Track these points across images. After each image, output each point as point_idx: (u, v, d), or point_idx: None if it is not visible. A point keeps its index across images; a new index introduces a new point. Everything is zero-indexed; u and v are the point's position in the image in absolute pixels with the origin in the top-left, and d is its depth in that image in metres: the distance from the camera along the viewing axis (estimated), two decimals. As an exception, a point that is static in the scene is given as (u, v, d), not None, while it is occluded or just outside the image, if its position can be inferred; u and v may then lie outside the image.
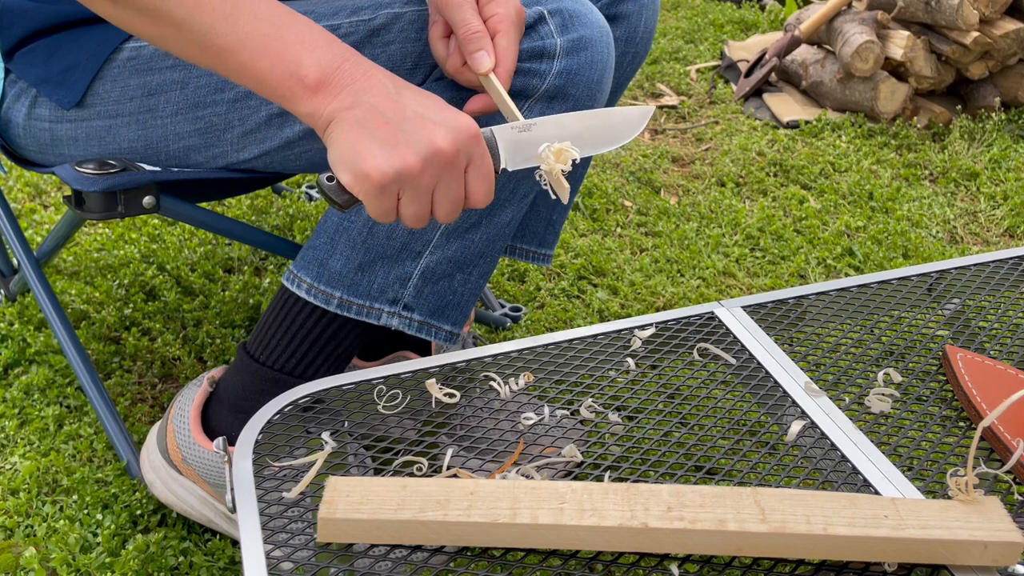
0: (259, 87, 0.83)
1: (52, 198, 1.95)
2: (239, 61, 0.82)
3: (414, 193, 0.81)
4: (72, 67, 1.09)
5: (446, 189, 0.83)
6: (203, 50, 0.82)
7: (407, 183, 0.80)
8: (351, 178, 0.80)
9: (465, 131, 0.82)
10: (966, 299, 1.11)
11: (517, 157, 0.87)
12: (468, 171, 0.83)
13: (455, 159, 0.81)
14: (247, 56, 0.81)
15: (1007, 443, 0.86)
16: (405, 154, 0.79)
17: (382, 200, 0.81)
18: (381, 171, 0.79)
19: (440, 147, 0.80)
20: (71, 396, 1.38)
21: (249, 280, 1.67)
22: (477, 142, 0.83)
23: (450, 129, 0.81)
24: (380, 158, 0.79)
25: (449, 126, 0.81)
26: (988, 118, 2.60)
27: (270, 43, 0.81)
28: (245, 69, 0.82)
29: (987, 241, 2.08)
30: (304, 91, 0.81)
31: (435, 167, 0.81)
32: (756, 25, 3.42)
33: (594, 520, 0.71)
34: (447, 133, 0.80)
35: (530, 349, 1.00)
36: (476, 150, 0.83)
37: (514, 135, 0.87)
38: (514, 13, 0.94)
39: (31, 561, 1.10)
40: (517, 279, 1.79)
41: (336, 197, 0.83)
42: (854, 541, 0.70)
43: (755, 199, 2.19)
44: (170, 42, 0.84)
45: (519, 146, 0.87)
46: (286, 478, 0.81)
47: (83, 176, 1.08)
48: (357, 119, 0.80)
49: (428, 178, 0.81)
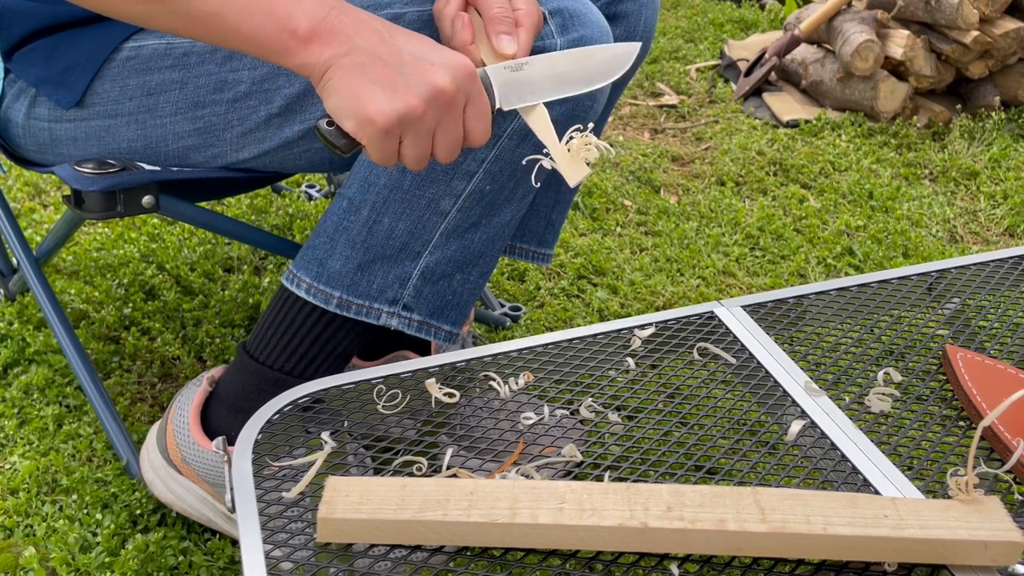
0: (252, 47, 0.83)
1: (51, 197, 1.95)
2: (228, 24, 0.82)
3: (416, 135, 0.82)
4: (71, 67, 1.09)
5: (447, 129, 0.83)
6: (190, 19, 0.82)
7: (410, 125, 0.81)
8: (354, 124, 0.81)
9: (463, 70, 0.82)
10: (966, 298, 1.11)
11: (511, 96, 0.88)
12: (466, 110, 0.84)
13: (455, 98, 0.82)
14: (234, 17, 0.81)
15: (1007, 443, 0.86)
16: (407, 96, 0.80)
17: (385, 144, 0.81)
18: (385, 115, 0.79)
19: (441, 87, 0.80)
20: (70, 396, 1.38)
21: (249, 280, 1.67)
22: (474, 81, 0.83)
23: (449, 68, 0.81)
24: (383, 102, 0.79)
25: (447, 65, 0.81)
26: (988, 117, 2.60)
27: (256, 1, 0.81)
28: (235, 31, 0.82)
29: (987, 240, 2.08)
30: (297, 43, 0.81)
31: (437, 107, 0.81)
32: (756, 24, 3.41)
33: (594, 520, 0.71)
34: (446, 72, 0.81)
35: (530, 349, 1.00)
36: (474, 88, 0.83)
37: (507, 74, 0.88)
38: (536, 14, 0.95)
39: (31, 561, 1.10)
40: (517, 278, 1.79)
41: (336, 141, 0.83)
42: (854, 541, 0.70)
43: (755, 198, 2.18)
44: (157, 18, 0.84)
45: (512, 86, 0.88)
46: (286, 478, 0.80)
47: (82, 176, 1.08)
48: (355, 64, 0.80)
49: (431, 119, 0.81)
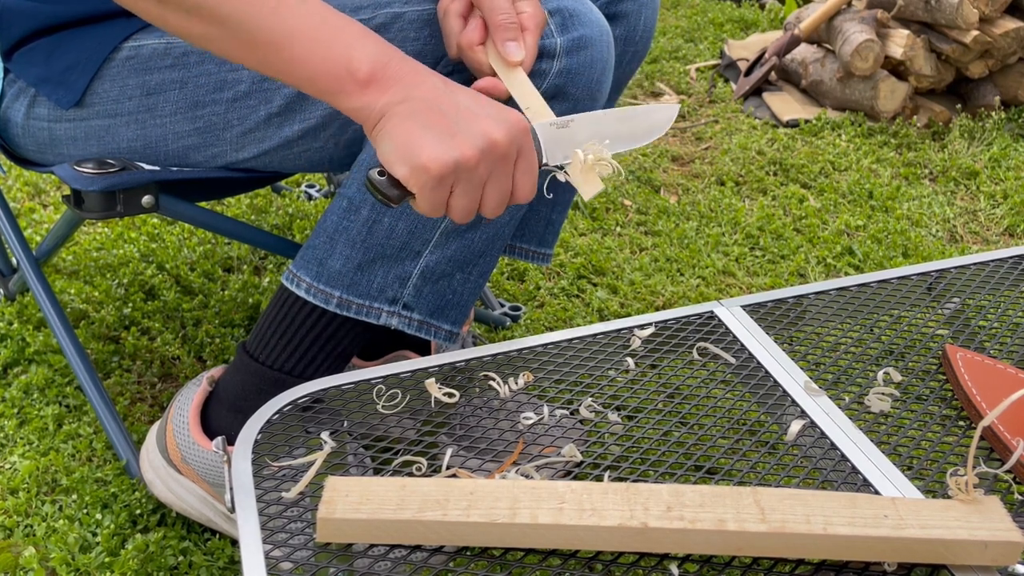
0: (308, 83, 0.83)
1: (51, 197, 1.95)
2: (288, 56, 0.82)
3: (468, 186, 0.82)
4: (71, 67, 1.09)
5: (497, 182, 0.83)
6: (251, 47, 0.82)
7: (463, 175, 0.81)
8: (407, 171, 0.80)
9: (517, 125, 0.82)
10: (966, 298, 1.11)
11: (556, 153, 0.89)
12: (517, 164, 0.84)
13: (508, 151, 0.82)
14: (297, 51, 0.81)
15: (1007, 442, 0.86)
16: (463, 146, 0.80)
17: (437, 193, 0.81)
18: (440, 162, 0.79)
19: (496, 139, 0.81)
20: (70, 395, 1.38)
21: (248, 279, 1.67)
22: (526, 135, 0.84)
23: (503, 122, 0.82)
24: (438, 150, 0.79)
25: (501, 119, 0.82)
26: (988, 117, 2.60)
27: (320, 37, 0.81)
28: (294, 64, 0.82)
29: (987, 240, 2.08)
30: (355, 85, 0.81)
31: (490, 159, 0.81)
32: (756, 24, 3.41)
33: (593, 520, 0.71)
34: (500, 126, 0.81)
35: (530, 348, 0.99)
36: (525, 144, 0.84)
37: (552, 131, 0.88)
38: (540, 16, 0.95)
39: (30, 561, 1.10)
40: (517, 278, 1.79)
41: (387, 191, 0.82)
42: (854, 541, 0.70)
43: (755, 198, 2.18)
44: (216, 41, 0.84)
45: (557, 142, 0.89)
46: (285, 478, 0.80)
47: (82, 175, 1.08)
48: (411, 112, 0.81)
49: (483, 170, 0.81)
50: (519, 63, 0.92)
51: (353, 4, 1.03)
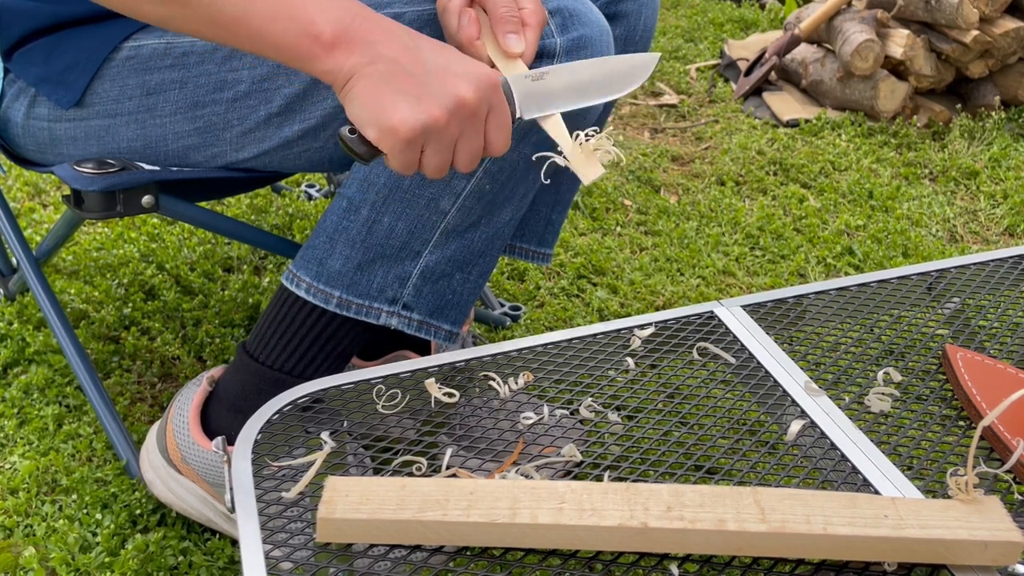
0: (274, 52, 0.83)
1: (51, 197, 1.95)
2: (251, 28, 0.82)
3: (439, 145, 0.82)
4: (71, 66, 1.09)
5: (468, 139, 0.83)
6: (212, 23, 0.82)
7: (432, 135, 0.81)
8: (377, 132, 0.81)
9: (486, 80, 0.82)
10: (966, 298, 1.11)
11: (531, 106, 0.88)
12: (488, 120, 0.84)
13: (478, 109, 0.82)
14: (258, 22, 0.81)
15: (1007, 442, 0.86)
16: (431, 107, 0.80)
17: (407, 153, 0.82)
18: (408, 125, 0.79)
19: (464, 98, 0.81)
20: (70, 395, 1.38)
21: (248, 279, 1.67)
22: (496, 91, 0.84)
23: (472, 79, 0.82)
24: (406, 112, 0.79)
25: (471, 76, 0.82)
26: (988, 117, 2.60)
27: (279, 6, 0.81)
28: (258, 35, 0.82)
29: (987, 240, 2.07)
30: (321, 49, 0.81)
31: (459, 118, 0.81)
32: (756, 24, 3.41)
33: (593, 520, 0.71)
34: (469, 83, 0.81)
35: (529, 348, 0.99)
36: (496, 99, 0.84)
37: (528, 84, 0.88)
38: (542, 13, 0.95)
39: (30, 561, 1.10)
40: (517, 278, 1.79)
41: (358, 149, 0.83)
42: (854, 541, 0.70)
43: (755, 198, 2.18)
44: (179, 20, 0.84)
45: (532, 95, 0.88)
46: (285, 478, 0.80)
47: (82, 175, 1.08)
48: (379, 73, 0.81)
49: (453, 129, 0.82)
50: (519, 55, 0.92)
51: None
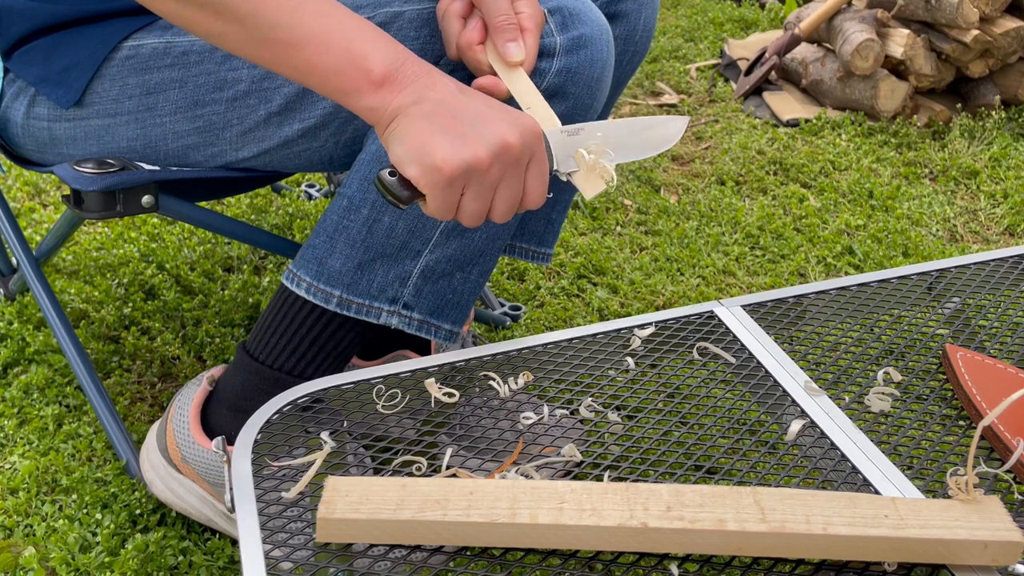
0: (321, 83, 0.83)
1: (51, 197, 1.95)
2: (303, 56, 0.82)
3: (479, 188, 0.82)
4: (71, 66, 1.09)
5: (508, 186, 0.83)
6: (265, 45, 0.83)
7: (474, 177, 0.81)
8: (419, 171, 0.80)
9: (530, 129, 0.83)
10: (966, 298, 1.11)
11: (567, 160, 0.89)
12: (529, 169, 0.84)
13: (521, 155, 0.82)
14: (312, 51, 0.82)
15: (1007, 442, 0.86)
16: (475, 147, 0.80)
17: (448, 194, 0.81)
18: (452, 164, 0.79)
19: (509, 142, 0.81)
20: (70, 395, 1.38)
21: (248, 279, 1.67)
22: (539, 140, 0.84)
23: (516, 126, 0.82)
24: (450, 151, 0.79)
25: (515, 123, 0.82)
26: (988, 116, 2.59)
27: (335, 38, 0.82)
28: (309, 64, 0.82)
29: (987, 239, 2.07)
30: (369, 85, 0.82)
31: (503, 162, 0.81)
32: (756, 23, 3.41)
33: (593, 520, 0.71)
34: (514, 129, 0.81)
35: (529, 348, 0.99)
36: (538, 149, 0.84)
37: (563, 138, 0.88)
38: (539, 15, 0.95)
39: (30, 560, 1.10)
40: (517, 278, 1.79)
41: (398, 192, 0.82)
42: (854, 541, 0.70)
43: (755, 197, 2.18)
44: (231, 38, 0.84)
45: (567, 149, 0.89)
46: (285, 478, 0.80)
47: (82, 175, 1.08)
48: (424, 114, 0.81)
49: (495, 172, 0.81)
50: (519, 63, 0.92)
51: (353, 3, 1.02)
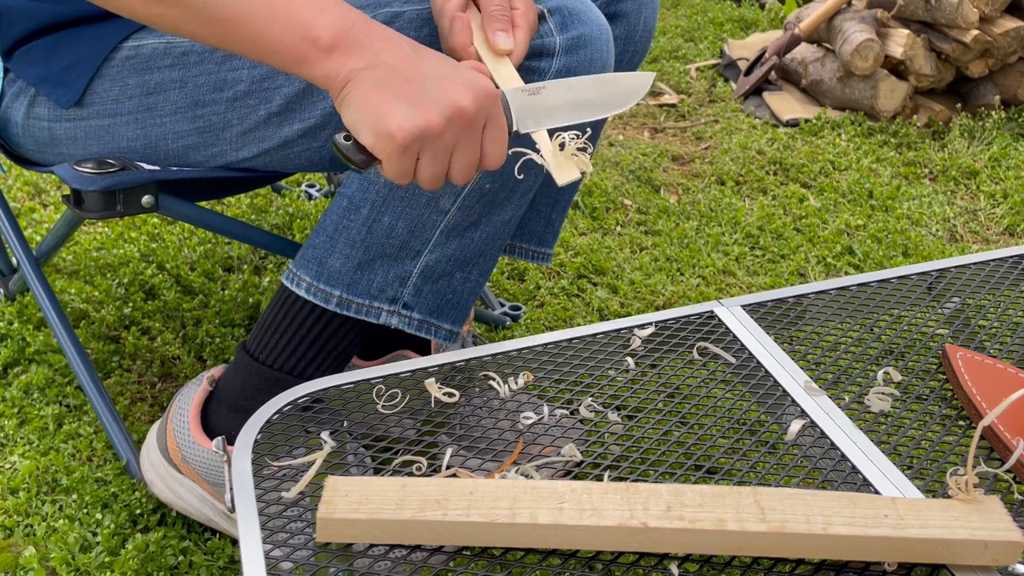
0: (271, 55, 0.83)
1: (51, 197, 1.95)
2: (248, 31, 0.81)
3: (434, 153, 0.82)
4: (71, 66, 1.09)
5: (464, 149, 0.83)
6: (209, 23, 0.82)
7: (429, 142, 0.81)
8: (373, 138, 0.80)
9: (484, 91, 0.82)
10: (966, 298, 1.11)
11: (527, 120, 0.88)
12: (485, 131, 0.84)
13: (476, 118, 0.82)
14: (255, 25, 0.81)
15: (1007, 442, 0.86)
16: (428, 113, 0.79)
17: (403, 160, 0.81)
18: (405, 131, 0.79)
19: (462, 106, 0.80)
20: (70, 395, 1.38)
21: (249, 279, 1.67)
22: (495, 102, 0.83)
23: (471, 89, 0.81)
24: (403, 117, 0.79)
25: (469, 86, 0.81)
26: (988, 116, 2.60)
27: (278, 9, 0.81)
28: (255, 38, 0.82)
29: (987, 239, 2.07)
30: (318, 53, 0.81)
31: (457, 127, 0.81)
32: (756, 23, 3.41)
33: (593, 520, 0.71)
34: (468, 92, 0.81)
35: (529, 348, 0.99)
36: (493, 110, 0.83)
37: (524, 97, 0.88)
38: (533, 14, 0.95)
39: (30, 560, 1.10)
40: (517, 278, 1.79)
41: (353, 156, 0.82)
42: (854, 540, 0.70)
43: (755, 198, 2.18)
44: (174, 20, 0.83)
45: (529, 109, 0.88)
46: (285, 478, 0.80)
47: (82, 175, 1.08)
48: (377, 79, 0.80)
49: (449, 137, 0.81)
50: (507, 52, 0.92)
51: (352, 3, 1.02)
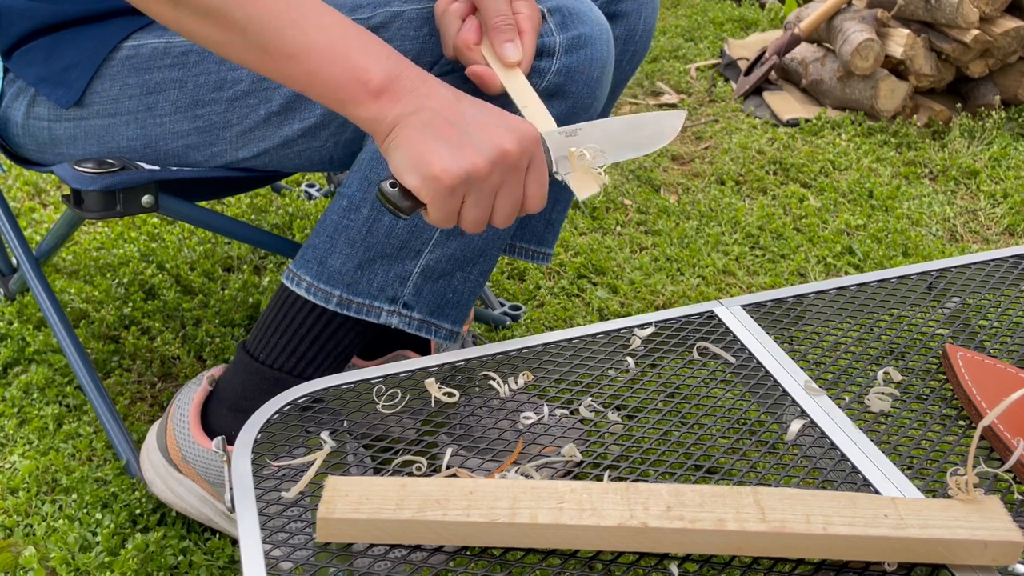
0: (320, 91, 0.84)
1: (51, 197, 1.95)
2: (304, 67, 0.83)
3: (479, 195, 0.82)
4: (71, 66, 1.09)
5: (508, 192, 0.84)
6: (266, 54, 0.83)
7: (474, 185, 0.81)
8: (419, 181, 0.81)
9: (527, 134, 0.83)
10: (966, 297, 1.11)
11: (563, 161, 0.89)
12: (528, 174, 0.84)
13: (519, 161, 0.82)
14: (313, 62, 0.82)
15: (1007, 442, 0.86)
16: (473, 156, 0.80)
17: (448, 203, 0.82)
18: (451, 173, 0.80)
19: (507, 149, 0.81)
20: (70, 395, 1.38)
21: (248, 279, 1.67)
22: (537, 145, 0.84)
23: (513, 132, 0.82)
24: (448, 160, 0.80)
25: (511, 129, 0.82)
26: (988, 116, 2.59)
27: (336, 49, 0.82)
28: (309, 75, 0.83)
29: (987, 239, 2.07)
30: (367, 96, 0.82)
31: (501, 169, 0.82)
32: (756, 23, 3.41)
33: (593, 520, 0.71)
34: (511, 136, 0.82)
35: (529, 348, 0.99)
36: (536, 153, 0.84)
37: (561, 139, 0.88)
38: (537, 16, 0.95)
39: (30, 560, 1.10)
40: (517, 278, 1.79)
41: (399, 203, 0.83)
42: (854, 540, 0.70)
43: (755, 197, 2.18)
44: (231, 47, 0.84)
45: (564, 150, 0.89)
46: (285, 477, 0.80)
47: (82, 175, 1.08)
48: (422, 123, 0.81)
49: (495, 179, 0.82)
50: (516, 64, 0.92)
51: (352, 3, 1.02)
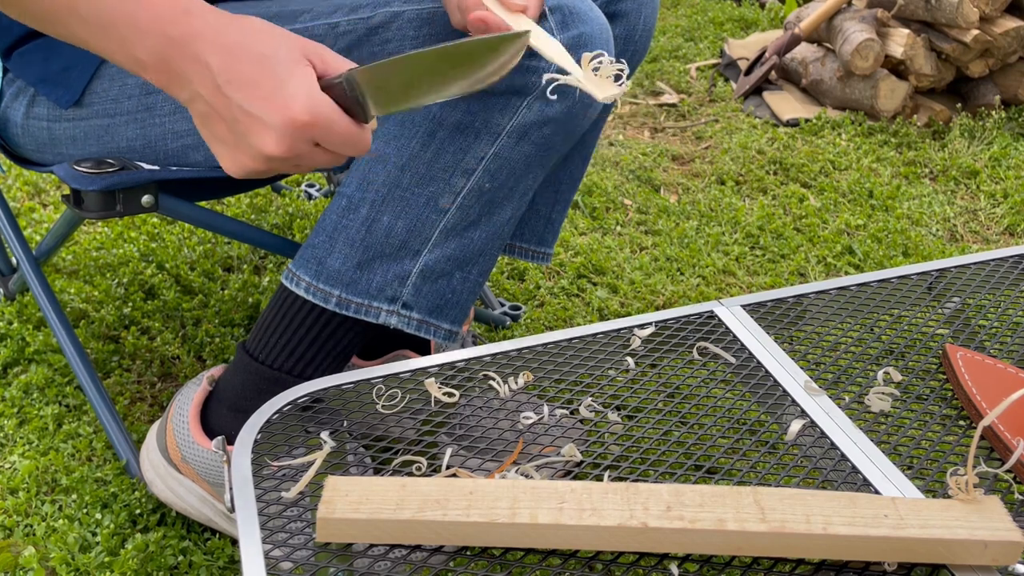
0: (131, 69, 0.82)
1: (51, 197, 1.95)
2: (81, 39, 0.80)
3: (278, 172, 0.82)
4: (70, 66, 1.09)
5: (306, 165, 0.81)
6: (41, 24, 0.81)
7: (263, 173, 0.81)
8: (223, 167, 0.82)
9: (291, 125, 0.76)
10: (966, 297, 1.11)
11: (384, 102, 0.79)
12: (319, 147, 0.79)
13: (290, 158, 0.78)
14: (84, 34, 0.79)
15: (1007, 442, 0.86)
16: (244, 160, 0.80)
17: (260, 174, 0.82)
18: (234, 172, 0.81)
19: (272, 154, 0.77)
20: (70, 395, 1.38)
21: (248, 279, 1.67)
22: (311, 127, 0.77)
23: (276, 131, 0.76)
24: (227, 160, 0.80)
25: (275, 127, 0.76)
26: (988, 116, 2.59)
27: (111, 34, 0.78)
28: (87, 45, 0.81)
29: (987, 239, 2.07)
30: (152, 75, 0.80)
31: (277, 164, 0.79)
32: (756, 23, 3.41)
33: (593, 520, 0.71)
34: (273, 137, 0.76)
35: (529, 348, 0.99)
36: (314, 133, 0.77)
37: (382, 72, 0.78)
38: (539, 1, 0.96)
39: (30, 560, 1.10)
40: (516, 278, 1.79)
41: None
42: (854, 540, 0.70)
43: (755, 197, 2.18)
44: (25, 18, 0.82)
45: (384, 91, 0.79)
46: (285, 477, 0.80)
47: (81, 175, 1.08)
48: (200, 116, 0.80)
49: (279, 167, 0.80)
50: (522, 8, 0.92)
51: (352, 3, 1.02)
